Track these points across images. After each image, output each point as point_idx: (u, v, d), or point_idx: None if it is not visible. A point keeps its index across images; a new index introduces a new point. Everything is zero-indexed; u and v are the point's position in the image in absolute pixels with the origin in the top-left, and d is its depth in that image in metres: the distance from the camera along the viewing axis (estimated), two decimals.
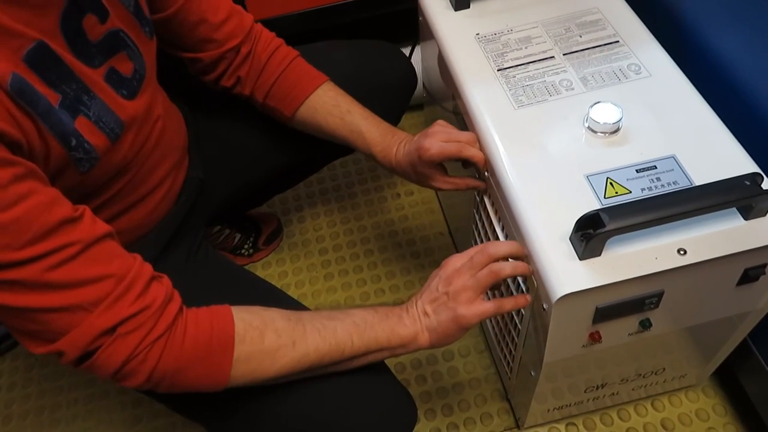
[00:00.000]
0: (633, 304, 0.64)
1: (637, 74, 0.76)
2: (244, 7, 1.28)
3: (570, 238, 0.61)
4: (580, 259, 0.60)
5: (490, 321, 0.98)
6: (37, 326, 0.50)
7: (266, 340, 0.58)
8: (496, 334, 0.93)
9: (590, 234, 0.58)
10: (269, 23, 1.30)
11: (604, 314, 0.64)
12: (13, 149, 0.48)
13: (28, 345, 0.52)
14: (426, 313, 0.64)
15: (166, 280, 0.56)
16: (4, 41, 0.49)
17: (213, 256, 0.83)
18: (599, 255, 0.60)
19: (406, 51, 1.06)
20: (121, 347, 0.51)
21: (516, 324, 0.77)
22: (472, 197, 0.89)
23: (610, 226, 0.57)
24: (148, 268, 0.55)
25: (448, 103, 0.90)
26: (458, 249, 1.17)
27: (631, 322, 0.68)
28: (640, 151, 0.68)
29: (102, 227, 0.53)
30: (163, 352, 0.53)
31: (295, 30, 1.35)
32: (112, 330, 0.51)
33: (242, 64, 0.79)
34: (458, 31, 0.85)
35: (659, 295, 0.63)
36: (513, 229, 0.68)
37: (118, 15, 0.62)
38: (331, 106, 0.80)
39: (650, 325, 0.68)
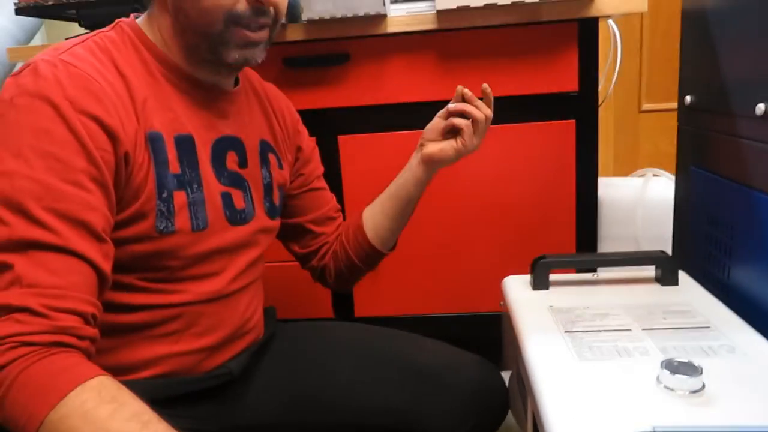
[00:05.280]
0: None
1: (729, 353, 0.65)
2: (353, 308, 1.39)
3: None
4: None
5: None
6: None
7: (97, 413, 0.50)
8: None
9: None
10: (375, 320, 1.38)
11: None
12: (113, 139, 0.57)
13: None
14: None
15: (92, 328, 0.54)
16: (171, 117, 0.65)
17: None
18: None
19: None
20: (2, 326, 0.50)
21: None
22: None
23: None
24: (91, 306, 0.54)
25: (513, 370, 0.81)
26: None
27: None
28: (723, 417, 0.54)
29: (105, 266, 0.56)
30: (21, 358, 0.49)
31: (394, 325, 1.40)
32: (9, 308, 0.50)
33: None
34: (532, 302, 0.83)
35: None
36: None
37: (251, 173, 0.75)
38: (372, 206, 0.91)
39: None
